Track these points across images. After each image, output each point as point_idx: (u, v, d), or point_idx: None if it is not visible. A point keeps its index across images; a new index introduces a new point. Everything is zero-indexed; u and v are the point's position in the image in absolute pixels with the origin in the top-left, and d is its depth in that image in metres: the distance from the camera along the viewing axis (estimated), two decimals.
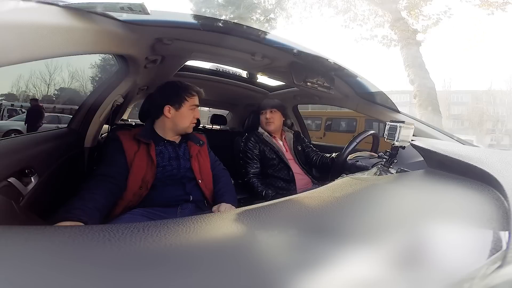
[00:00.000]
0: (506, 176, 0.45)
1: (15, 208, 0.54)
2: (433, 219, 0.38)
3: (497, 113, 18.62)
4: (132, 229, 0.29)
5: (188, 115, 0.93)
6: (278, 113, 1.39)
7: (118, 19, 0.65)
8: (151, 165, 0.85)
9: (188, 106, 0.92)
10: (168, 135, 0.94)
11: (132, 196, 0.81)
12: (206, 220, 0.34)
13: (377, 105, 1.29)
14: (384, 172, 0.84)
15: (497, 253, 0.26)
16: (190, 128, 0.95)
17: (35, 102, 5.67)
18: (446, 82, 22.76)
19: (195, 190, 0.92)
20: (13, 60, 0.42)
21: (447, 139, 1.09)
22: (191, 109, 0.93)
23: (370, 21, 7.93)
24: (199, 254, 0.26)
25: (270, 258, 0.27)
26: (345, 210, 0.42)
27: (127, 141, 0.86)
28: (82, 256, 0.24)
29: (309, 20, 9.70)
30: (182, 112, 0.92)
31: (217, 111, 2.59)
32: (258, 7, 9.18)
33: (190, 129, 0.96)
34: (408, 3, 7.09)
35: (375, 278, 0.24)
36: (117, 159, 0.83)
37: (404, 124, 0.80)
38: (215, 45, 0.99)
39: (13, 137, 0.79)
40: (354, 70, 1.11)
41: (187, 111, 0.92)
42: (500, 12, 6.43)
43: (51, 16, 0.47)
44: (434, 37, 20.23)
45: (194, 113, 0.95)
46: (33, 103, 5.56)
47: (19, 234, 0.28)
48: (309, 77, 1.07)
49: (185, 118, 0.92)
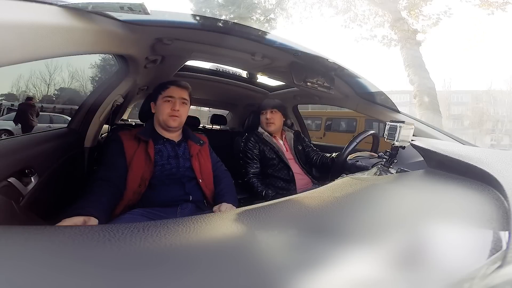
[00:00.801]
0: (506, 176, 0.45)
1: (15, 208, 0.55)
2: (433, 219, 0.38)
3: (497, 113, 18.61)
4: (132, 229, 0.29)
5: (164, 107, 0.93)
6: (279, 113, 1.39)
7: (118, 19, 0.65)
8: (149, 163, 0.86)
9: (162, 98, 0.94)
10: (163, 132, 0.96)
11: (132, 194, 0.82)
12: (206, 220, 0.34)
13: (377, 105, 1.29)
14: (384, 172, 0.84)
15: (497, 253, 0.26)
16: (170, 121, 0.93)
17: (28, 100, 5.26)
18: (446, 82, 22.77)
19: (195, 190, 0.92)
20: (13, 60, 0.42)
21: (447, 139, 1.09)
22: (165, 101, 0.94)
23: (370, 21, 7.94)
24: (199, 254, 0.26)
25: (270, 258, 0.27)
26: (345, 210, 0.42)
27: (128, 141, 0.88)
28: (82, 256, 0.24)
29: (309, 20, 9.72)
30: (158, 104, 0.95)
31: (217, 111, 2.59)
32: (258, 7, 9.19)
33: (170, 122, 0.93)
34: (408, 3, 7.09)
35: (375, 278, 0.24)
36: (117, 161, 0.84)
37: (404, 124, 0.80)
38: (215, 45, 0.99)
39: (13, 137, 0.79)
40: (354, 70, 1.11)
41: (162, 103, 0.94)
42: (500, 12, 6.44)
43: (51, 16, 0.47)
44: (434, 37, 20.26)
45: (170, 104, 0.93)
46: (26, 101, 5.16)
47: (19, 234, 0.28)
48: (309, 77, 1.07)
49: (161, 109, 0.94)
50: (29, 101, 4.98)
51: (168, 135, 0.96)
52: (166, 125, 0.94)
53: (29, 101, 4.98)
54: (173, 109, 0.93)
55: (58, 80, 2.99)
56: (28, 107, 4.67)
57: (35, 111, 4.69)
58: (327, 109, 6.67)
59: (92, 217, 0.63)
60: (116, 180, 0.80)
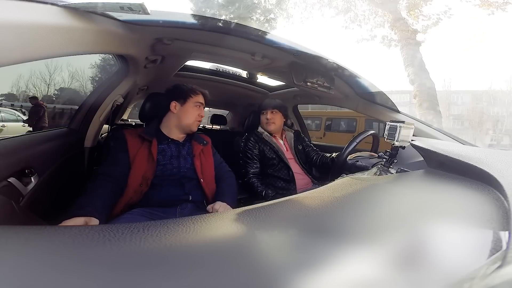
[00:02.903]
0: (506, 176, 0.45)
1: (15, 208, 0.55)
2: (433, 219, 0.38)
3: (497, 113, 18.60)
4: (132, 229, 0.29)
5: (193, 111, 0.96)
6: (279, 113, 1.39)
7: (118, 19, 0.65)
8: (152, 162, 0.86)
9: (193, 102, 0.96)
10: (173, 133, 0.96)
11: (133, 193, 0.82)
12: (206, 220, 0.34)
13: (377, 105, 1.29)
14: (384, 172, 0.84)
15: (497, 253, 0.26)
16: (195, 125, 0.97)
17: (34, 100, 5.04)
18: (446, 82, 22.70)
19: (195, 190, 0.93)
20: (13, 60, 0.42)
21: (447, 139, 1.09)
22: (195, 106, 0.96)
23: (370, 21, 7.94)
24: (199, 254, 0.26)
25: (270, 258, 0.27)
26: (345, 210, 0.42)
27: (132, 139, 0.89)
28: (82, 256, 0.24)
29: (310, 21, 9.72)
30: (187, 107, 0.96)
31: (217, 111, 2.59)
32: (258, 7, 9.18)
33: (194, 127, 0.97)
34: (408, 3, 7.09)
35: (375, 278, 0.24)
36: (120, 158, 0.85)
37: (404, 124, 0.80)
38: (215, 45, 0.99)
39: (13, 137, 0.79)
40: (354, 70, 1.11)
41: (191, 107, 0.96)
42: (500, 12, 6.43)
43: (51, 16, 0.47)
44: (434, 37, 20.23)
45: (198, 110, 0.97)
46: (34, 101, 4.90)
47: (19, 234, 0.28)
48: (309, 77, 1.07)
49: (189, 113, 0.95)
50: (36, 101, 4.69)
51: (175, 136, 0.97)
52: (189, 129, 0.97)
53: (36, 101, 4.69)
54: (200, 115, 0.97)
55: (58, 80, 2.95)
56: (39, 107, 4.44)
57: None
58: (327, 109, 6.66)
59: (93, 217, 0.63)
60: (118, 176, 0.80)
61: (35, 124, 3.16)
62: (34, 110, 3.46)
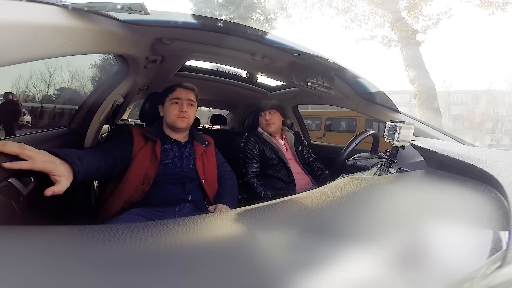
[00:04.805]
0: (506, 176, 0.45)
1: (15, 208, 0.55)
2: (433, 219, 0.38)
3: (497, 113, 18.61)
4: (132, 229, 0.29)
5: (171, 109, 0.95)
6: (277, 113, 1.39)
7: (118, 19, 0.65)
8: (155, 162, 0.87)
9: (169, 101, 0.96)
10: (171, 133, 0.98)
11: (135, 190, 0.83)
12: (206, 220, 0.34)
13: (377, 105, 1.29)
14: (384, 172, 0.84)
15: (497, 253, 0.26)
16: (178, 122, 0.94)
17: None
18: (446, 82, 22.70)
19: (196, 190, 0.93)
20: (13, 60, 0.42)
21: (447, 139, 1.09)
22: (172, 103, 0.95)
23: (370, 21, 7.93)
24: (199, 254, 0.26)
25: (270, 258, 0.27)
26: (345, 210, 0.42)
27: (137, 136, 0.90)
28: (82, 256, 0.24)
29: (310, 21, 9.71)
30: (166, 107, 0.97)
31: (217, 111, 2.59)
32: (258, 7, 9.19)
33: (178, 123, 0.94)
34: (408, 3, 7.08)
35: (375, 278, 0.24)
36: (125, 146, 0.86)
37: (404, 124, 0.80)
38: (215, 45, 0.99)
39: (13, 137, 0.80)
40: (354, 70, 1.11)
41: (169, 105, 0.96)
42: (500, 12, 6.43)
43: (51, 16, 0.47)
44: (434, 37, 20.25)
45: (178, 106, 0.95)
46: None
47: (19, 234, 0.28)
48: (309, 77, 1.07)
49: (168, 112, 0.95)
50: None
51: (176, 136, 0.98)
52: (174, 126, 0.95)
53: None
54: (180, 111, 0.94)
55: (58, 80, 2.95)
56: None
57: None
58: (327, 109, 6.66)
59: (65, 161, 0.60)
60: (117, 157, 0.80)
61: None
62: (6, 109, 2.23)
